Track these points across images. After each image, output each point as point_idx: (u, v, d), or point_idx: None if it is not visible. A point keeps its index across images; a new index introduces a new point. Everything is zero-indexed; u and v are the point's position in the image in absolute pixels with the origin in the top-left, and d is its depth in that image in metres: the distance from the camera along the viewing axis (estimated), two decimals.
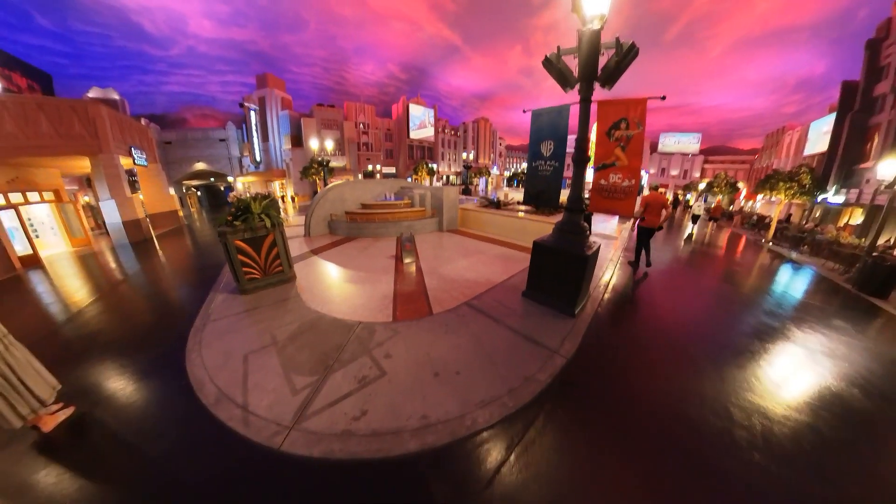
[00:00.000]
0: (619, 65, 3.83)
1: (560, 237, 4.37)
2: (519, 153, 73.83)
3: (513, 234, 8.65)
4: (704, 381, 3.23)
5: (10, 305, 5.76)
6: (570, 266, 4.19)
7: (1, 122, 9.56)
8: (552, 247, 4.32)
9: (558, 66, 4.13)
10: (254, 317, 4.29)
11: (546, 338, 3.77)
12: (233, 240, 4.67)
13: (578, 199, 4.30)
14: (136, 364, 3.53)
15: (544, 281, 4.54)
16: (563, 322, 4.15)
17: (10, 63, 22.05)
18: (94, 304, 5.41)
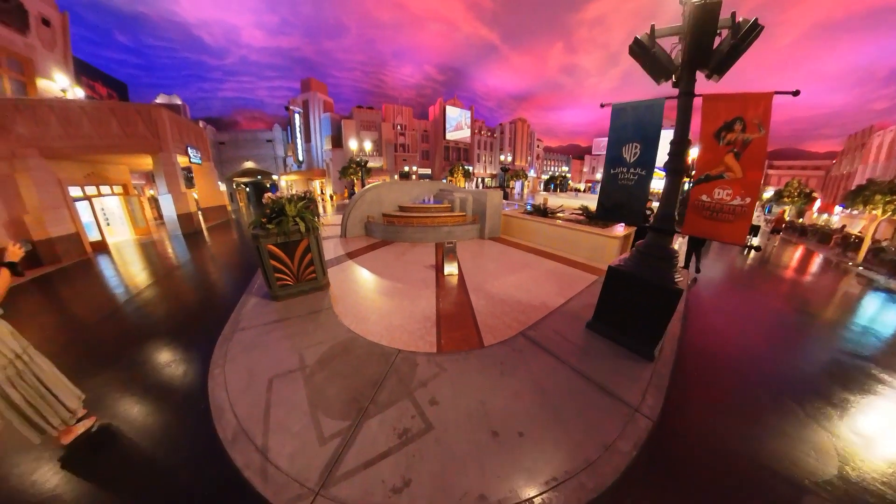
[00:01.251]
0: (735, 49, 2.96)
1: (642, 263, 3.54)
2: (557, 156, 71.02)
3: (563, 247, 7.76)
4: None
5: (77, 287, 6.83)
6: (654, 300, 3.37)
7: (80, 125, 10.54)
8: (633, 275, 3.50)
9: (652, 50, 3.31)
10: (283, 329, 3.93)
11: (623, 388, 3.00)
12: (265, 244, 4.37)
13: (669, 217, 3.45)
14: (162, 373, 3.40)
15: (617, 314, 3.73)
16: (640, 366, 3.34)
17: (94, 74, 25.71)
18: (134, 298, 5.62)
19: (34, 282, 7.60)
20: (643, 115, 3.57)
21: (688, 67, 3.22)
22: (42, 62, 12.04)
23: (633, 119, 3.65)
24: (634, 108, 3.64)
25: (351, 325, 3.97)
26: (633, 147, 3.66)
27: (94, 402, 2.90)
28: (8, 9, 10.63)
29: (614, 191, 3.84)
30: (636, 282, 3.48)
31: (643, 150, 3.60)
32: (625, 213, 3.83)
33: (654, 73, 3.45)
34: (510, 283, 5.50)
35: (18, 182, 9.70)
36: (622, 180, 3.76)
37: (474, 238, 8.93)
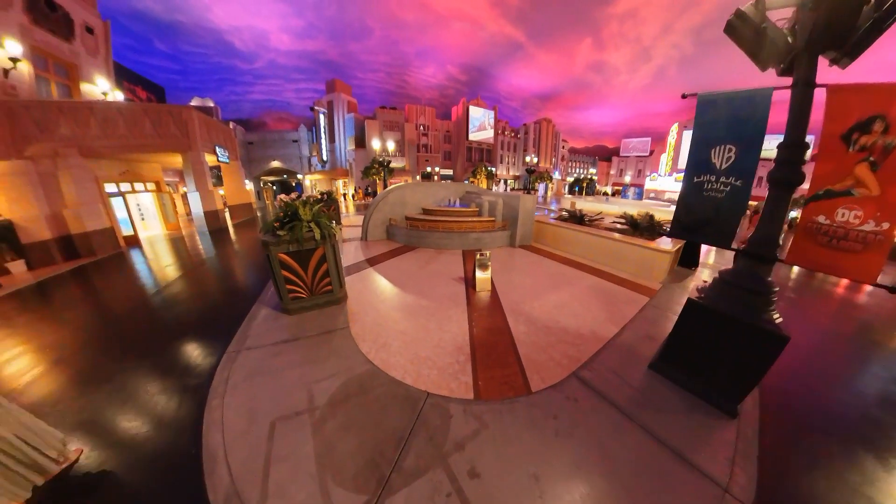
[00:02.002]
0: (878, 24, 2.20)
1: (731, 297, 2.76)
2: (582, 157, 68.52)
3: (604, 260, 6.94)
4: None
5: (103, 282, 7.33)
6: (746, 345, 2.61)
7: (116, 125, 10.87)
8: (720, 312, 2.75)
9: (760, 26, 2.56)
10: (292, 352, 3.46)
11: (705, 456, 2.32)
12: (276, 252, 3.93)
13: (771, 240, 2.65)
14: (157, 397, 3.04)
15: (693, 357, 2.98)
16: (720, 425, 2.62)
17: (135, 79, 27.89)
18: (151, 299, 5.67)
19: (71, 272, 8.24)
20: (741, 109, 2.79)
21: (809, 49, 2.44)
22: (86, 67, 12.62)
23: (726, 114, 2.87)
24: (729, 100, 2.86)
25: (369, 352, 3.44)
26: (726, 150, 2.88)
27: (81, 425, 2.61)
28: (55, 18, 11.19)
29: (697, 204, 3.06)
30: (723, 321, 2.73)
31: (740, 154, 2.81)
32: (710, 233, 3.04)
33: (761, 57, 2.69)
34: (551, 304, 4.78)
35: (60, 179, 10.07)
36: (709, 191, 2.98)
37: (504, 246, 8.24)
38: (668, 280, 5.97)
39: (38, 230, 9.53)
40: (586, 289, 5.50)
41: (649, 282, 5.89)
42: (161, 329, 4.44)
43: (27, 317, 5.22)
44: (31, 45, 10.49)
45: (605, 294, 5.28)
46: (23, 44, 10.08)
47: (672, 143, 43.89)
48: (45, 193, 9.80)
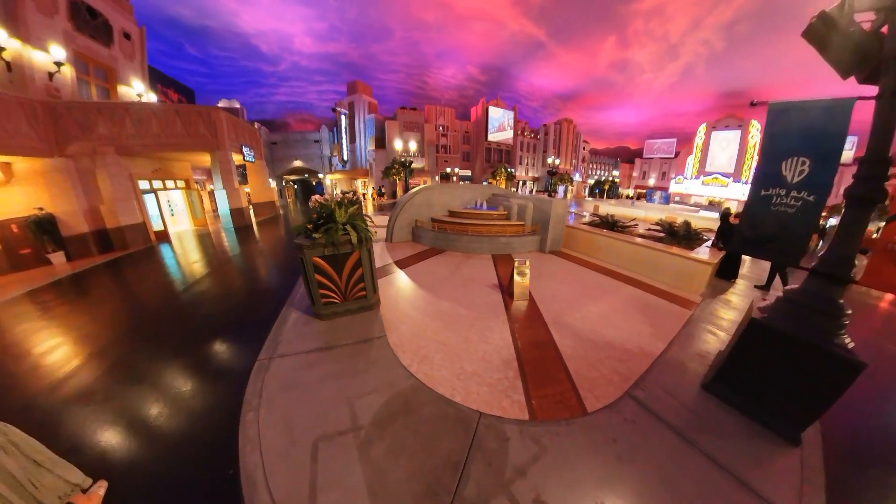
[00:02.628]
0: None
1: (799, 318, 2.48)
2: (604, 158, 66.74)
3: (638, 269, 6.54)
4: None
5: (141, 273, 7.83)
6: (815, 370, 2.36)
7: (149, 125, 11.24)
8: (789, 335, 2.45)
9: (847, 30, 2.25)
10: (328, 362, 3.27)
11: (772, 487, 2.13)
12: (311, 256, 3.76)
13: (847, 260, 2.34)
14: (186, 407, 2.91)
15: (753, 379, 2.72)
16: (783, 453, 2.40)
17: (167, 82, 29.27)
18: (178, 297, 5.67)
19: (106, 265, 8.72)
20: (817, 120, 2.45)
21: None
22: (123, 71, 13.21)
23: (800, 125, 2.53)
24: (803, 109, 2.52)
25: (411, 365, 3.21)
26: (799, 163, 2.55)
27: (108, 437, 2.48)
28: (96, 25, 11.80)
29: (764, 219, 2.74)
30: (790, 343, 2.44)
31: (814, 167, 2.48)
32: (775, 249, 2.73)
33: (846, 64, 2.37)
34: (593, 316, 4.48)
35: (97, 176, 10.45)
36: (777, 206, 2.65)
37: (534, 251, 7.89)
38: (707, 293, 5.63)
39: (77, 224, 9.98)
40: (625, 299, 5.17)
41: (688, 293, 5.55)
42: (190, 329, 4.42)
43: (65, 308, 5.48)
44: (73, 50, 11.03)
45: (644, 306, 4.96)
46: (66, 49, 10.57)
47: (699, 145, 42.02)
48: (83, 189, 10.24)
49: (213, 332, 4.24)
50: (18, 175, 9.43)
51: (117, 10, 12.73)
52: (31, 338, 4.34)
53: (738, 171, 38.13)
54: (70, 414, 2.81)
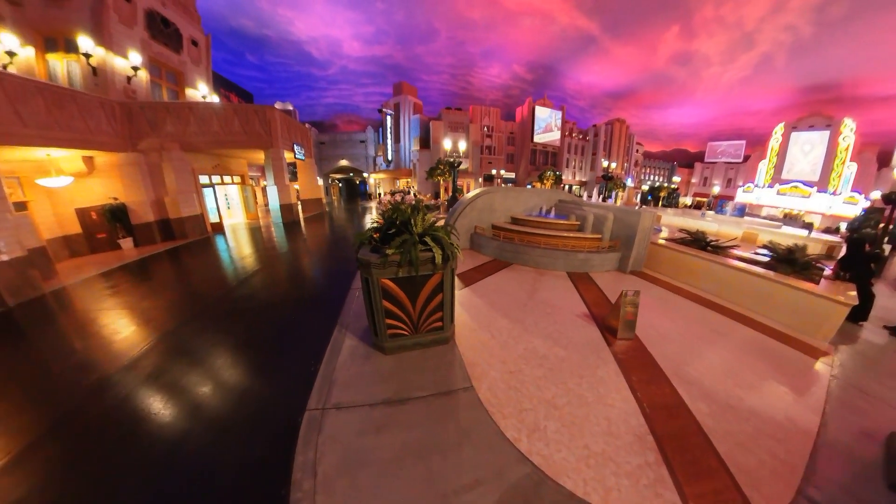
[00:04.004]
0: None
1: None
2: (658, 162, 61.41)
3: (745, 301, 5.14)
4: None
5: (197, 263, 8.23)
6: None
7: (210, 123, 11.66)
8: None
9: None
10: (402, 426, 2.42)
11: None
12: (379, 278, 2.91)
13: None
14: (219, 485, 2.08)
15: None
16: None
17: (229, 87, 32.12)
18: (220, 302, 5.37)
19: (167, 252, 9.32)
20: None
21: None
22: (190, 75, 14.11)
23: None
24: None
25: (519, 440, 2.28)
26: None
27: None
28: (168, 34, 12.75)
29: None
30: None
31: None
32: None
33: None
34: (717, 368, 3.47)
35: (164, 169, 10.91)
36: None
37: (612, 270, 6.63)
38: (836, 339, 4.33)
39: (145, 213, 10.64)
40: (742, 344, 4.05)
41: (813, 339, 4.29)
42: (235, 337, 4.06)
43: (130, 290, 6.09)
44: (149, 56, 11.85)
45: (767, 353, 3.84)
46: (143, 55, 11.36)
47: (775, 148, 36.40)
48: (151, 182, 10.79)
49: (258, 351, 3.69)
50: (98, 168, 10.10)
51: (187, 19, 13.75)
52: (101, 316, 4.86)
53: (824, 180, 32.23)
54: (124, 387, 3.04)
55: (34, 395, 2.99)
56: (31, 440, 2.39)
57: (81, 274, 7.27)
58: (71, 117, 8.54)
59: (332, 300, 4.99)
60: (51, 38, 10.14)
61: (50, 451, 2.33)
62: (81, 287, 6.39)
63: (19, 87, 7.38)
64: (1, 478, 2.08)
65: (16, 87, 7.31)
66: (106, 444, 2.41)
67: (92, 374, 3.28)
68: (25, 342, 4.20)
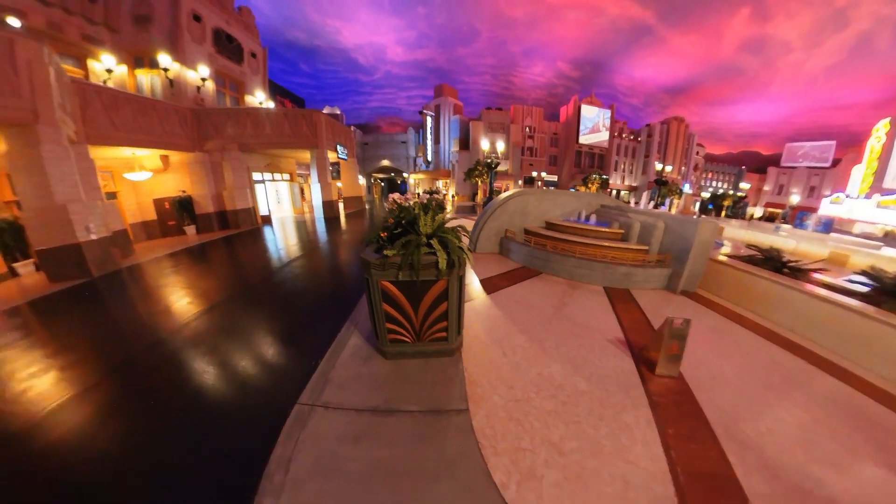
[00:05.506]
0: None
1: None
2: (723, 166, 54.79)
3: (830, 341, 4.07)
4: None
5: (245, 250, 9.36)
6: None
7: (264, 126, 12.75)
8: None
9: None
10: (382, 442, 2.30)
11: None
12: (379, 280, 2.82)
13: None
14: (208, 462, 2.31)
15: None
16: None
17: (283, 93, 35.01)
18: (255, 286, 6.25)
19: (222, 239, 10.61)
20: None
21: None
22: (249, 84, 15.71)
23: None
24: None
25: (507, 486, 1.99)
26: None
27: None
28: (232, 48, 14.44)
29: None
30: None
31: None
32: None
33: None
34: (790, 432, 2.63)
35: (223, 167, 12.19)
36: None
37: (659, 289, 5.82)
38: None
39: (207, 205, 12.06)
40: (827, 401, 3.06)
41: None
42: (260, 317, 4.79)
43: (191, 269, 7.23)
44: (215, 68, 13.41)
45: (865, 420, 2.84)
46: (210, 67, 12.90)
47: (876, 149, 29.66)
48: (213, 178, 12.12)
49: (273, 337, 4.16)
50: (172, 165, 11.68)
51: (247, 34, 15.45)
52: (162, 289, 6.02)
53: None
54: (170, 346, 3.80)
55: (104, 347, 3.86)
56: (95, 380, 3.12)
57: (153, 254, 8.63)
58: (152, 122, 9.87)
59: (348, 297, 5.17)
60: (139, 57, 11.96)
61: (108, 388, 3.04)
62: (151, 264, 7.67)
63: (113, 98, 8.70)
64: (72, 405, 2.75)
65: (111, 99, 8.63)
66: (148, 389, 3.07)
67: (147, 335, 4.08)
68: (103, 307, 5.29)
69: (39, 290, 5.82)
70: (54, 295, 5.62)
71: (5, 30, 6.31)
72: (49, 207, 6.16)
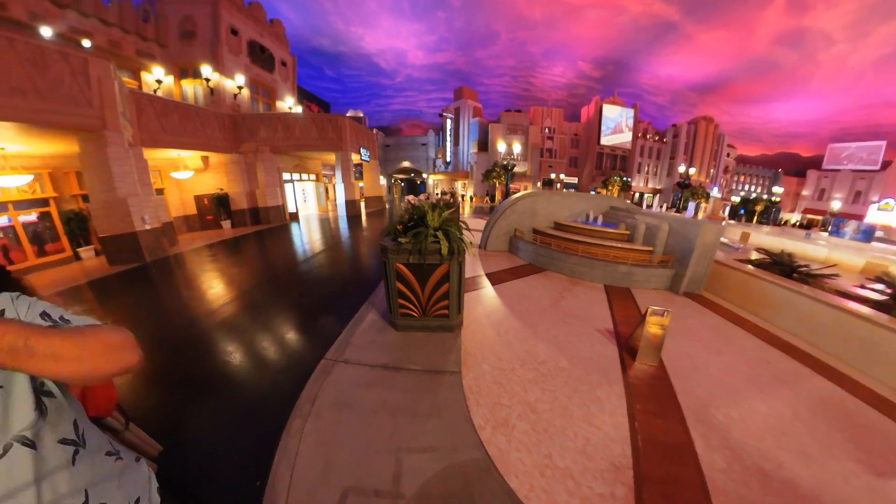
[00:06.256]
0: None
1: None
2: (757, 169, 51.85)
3: (835, 347, 4.02)
4: None
5: (275, 243, 10.32)
6: None
7: (293, 129, 13.76)
8: None
9: None
10: (389, 388, 2.86)
11: None
12: (394, 262, 3.41)
13: None
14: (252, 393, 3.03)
15: None
16: None
17: (310, 98, 36.49)
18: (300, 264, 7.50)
19: (254, 233, 11.77)
20: None
21: None
22: (280, 90, 16.91)
23: None
24: None
25: (483, 428, 2.43)
26: None
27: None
28: (264, 58, 15.69)
29: None
30: None
31: None
32: None
33: None
34: (762, 423, 2.71)
35: (256, 168, 13.28)
36: None
37: (661, 289, 5.98)
38: None
39: (241, 202, 13.24)
40: (817, 402, 3.04)
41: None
42: (292, 298, 5.45)
43: (226, 259, 8.09)
44: (249, 77, 14.68)
45: (855, 421, 2.81)
46: (245, 76, 14.16)
47: None
48: (247, 177, 13.26)
49: (310, 308, 4.99)
50: (211, 165, 12.85)
51: (278, 45, 16.70)
52: (202, 276, 6.78)
53: None
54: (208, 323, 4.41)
55: (150, 322, 4.53)
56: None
57: (194, 244, 9.78)
58: (195, 127, 10.97)
59: (368, 281, 5.92)
60: (184, 68, 13.34)
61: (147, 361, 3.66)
62: (193, 253, 8.69)
63: (163, 106, 9.81)
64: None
65: (161, 106, 9.74)
66: (184, 360, 3.55)
67: (187, 314, 4.74)
68: (153, 288, 6.15)
69: (101, 272, 6.88)
70: (114, 276, 6.65)
71: (81, 50, 7.33)
72: (112, 200, 7.15)
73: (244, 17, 14.42)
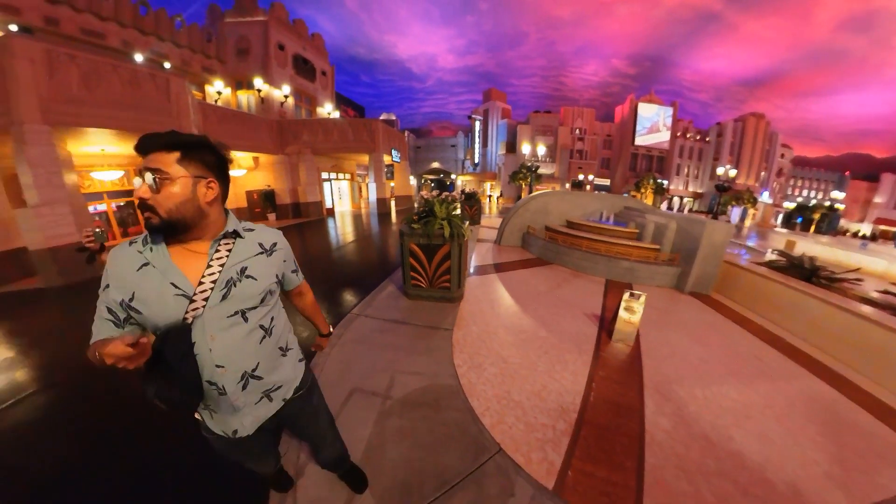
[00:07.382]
0: None
1: None
2: (818, 172, 46.79)
3: (844, 353, 3.76)
4: None
5: (314, 233, 11.61)
6: None
7: (331, 133, 15.16)
8: None
9: None
10: (396, 334, 3.73)
11: None
12: (408, 242, 4.33)
13: None
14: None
15: None
16: None
17: (346, 103, 39.14)
18: (335, 251, 8.85)
19: (295, 226, 12.85)
20: None
21: None
22: (320, 98, 18.63)
23: None
24: None
25: (461, 366, 3.13)
26: None
27: None
28: (307, 69, 17.45)
29: None
30: None
31: None
32: None
33: None
34: (727, 404, 2.77)
35: (299, 167, 14.80)
36: None
37: (666, 287, 6.02)
38: None
39: (285, 197, 14.88)
40: (799, 396, 2.96)
41: None
42: (332, 274, 6.71)
43: None
44: (294, 87, 16.38)
45: (839, 419, 2.72)
46: (290, 86, 15.84)
47: None
48: (291, 176, 14.83)
49: (343, 281, 6.15)
50: (260, 164, 14.60)
51: (319, 56, 18.46)
52: None
53: None
54: None
55: None
56: None
57: None
58: (248, 131, 12.61)
59: (390, 264, 7.14)
60: (239, 81, 15.33)
61: None
62: None
63: (223, 114, 11.46)
64: None
65: (222, 115, 11.39)
66: None
67: None
68: None
69: None
70: None
71: (164, 70, 8.95)
72: None
73: (289, 34, 16.21)
